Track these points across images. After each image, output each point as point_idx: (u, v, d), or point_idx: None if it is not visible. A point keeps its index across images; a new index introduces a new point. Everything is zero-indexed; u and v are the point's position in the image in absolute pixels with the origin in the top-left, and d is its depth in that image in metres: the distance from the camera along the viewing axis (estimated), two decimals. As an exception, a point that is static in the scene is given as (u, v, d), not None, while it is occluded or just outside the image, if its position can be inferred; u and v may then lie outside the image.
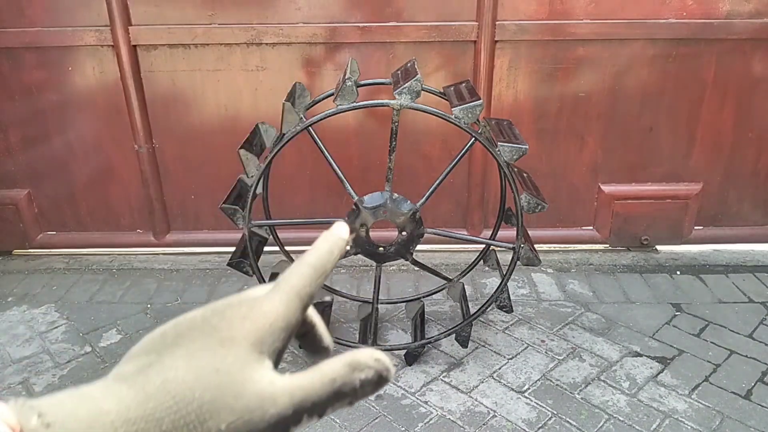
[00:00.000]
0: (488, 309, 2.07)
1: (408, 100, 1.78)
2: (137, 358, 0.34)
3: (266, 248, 2.20)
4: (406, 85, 1.76)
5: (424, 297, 2.38)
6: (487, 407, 1.91)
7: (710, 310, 2.39)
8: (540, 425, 1.83)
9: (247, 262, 1.98)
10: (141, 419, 0.30)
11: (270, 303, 0.35)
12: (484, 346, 2.20)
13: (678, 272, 2.67)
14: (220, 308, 0.35)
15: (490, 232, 2.42)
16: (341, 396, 0.33)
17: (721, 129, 2.65)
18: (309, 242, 0.41)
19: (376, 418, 1.87)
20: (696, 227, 2.83)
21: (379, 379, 0.34)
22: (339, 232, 0.40)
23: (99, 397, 0.31)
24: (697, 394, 1.95)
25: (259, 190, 2.04)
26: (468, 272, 2.38)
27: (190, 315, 0.35)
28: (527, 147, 1.80)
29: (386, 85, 2.11)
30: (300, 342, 0.41)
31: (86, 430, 0.29)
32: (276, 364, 0.34)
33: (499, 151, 1.80)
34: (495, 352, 2.17)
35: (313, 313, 0.41)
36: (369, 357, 0.34)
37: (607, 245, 2.88)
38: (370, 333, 2.07)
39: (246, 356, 0.32)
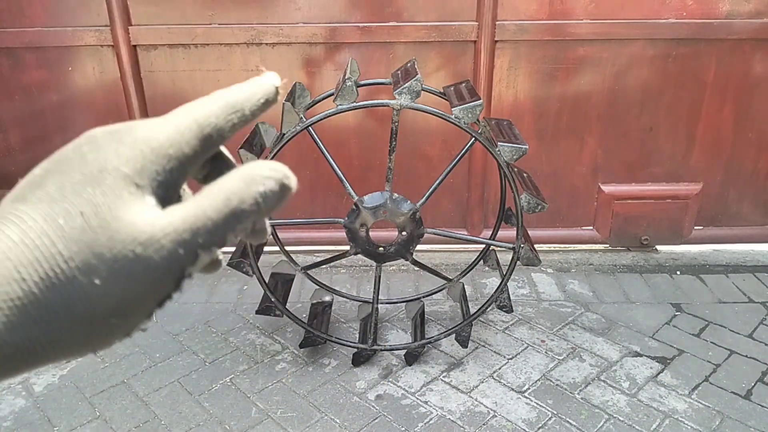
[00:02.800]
0: (488, 309, 2.07)
1: (408, 100, 1.78)
2: (1, 206, 0.28)
3: (266, 248, 2.20)
4: (406, 85, 1.76)
5: (424, 297, 2.38)
6: (487, 407, 1.91)
7: (710, 310, 2.39)
8: (540, 425, 1.83)
9: (247, 262, 1.98)
10: (5, 281, 0.25)
11: (155, 125, 0.29)
12: (484, 346, 2.20)
13: (678, 272, 2.67)
14: (96, 135, 0.29)
15: (490, 232, 2.42)
16: (240, 216, 0.27)
17: (721, 129, 2.65)
18: (309, 242, 0.41)
19: (376, 418, 1.87)
20: (696, 227, 2.83)
21: (282, 189, 0.28)
22: (270, 77, 0.32)
23: None
24: (697, 394, 1.95)
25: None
26: (468, 272, 2.38)
27: (66, 146, 0.29)
28: (527, 147, 1.80)
29: (386, 85, 2.11)
30: (196, 177, 0.33)
31: None
32: (167, 201, 0.28)
33: (499, 151, 1.80)
34: (495, 352, 2.17)
35: (225, 152, 0.34)
36: (264, 167, 0.28)
37: (607, 245, 2.88)
38: (370, 333, 2.07)
39: (118, 191, 0.27)
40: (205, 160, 0.31)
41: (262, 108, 0.32)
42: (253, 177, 0.28)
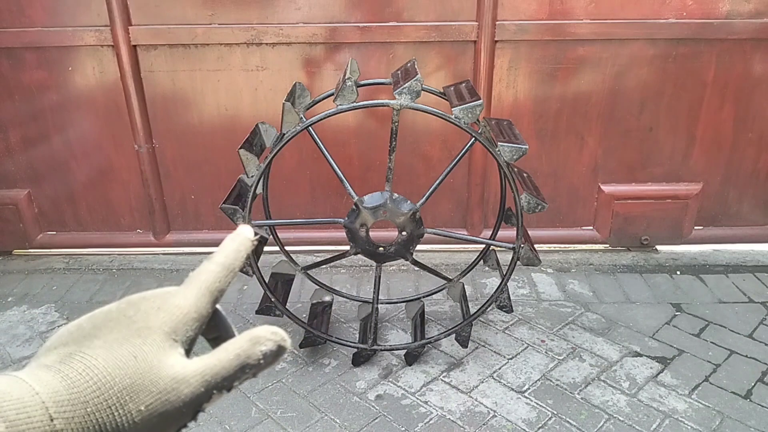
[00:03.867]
0: (488, 309, 2.07)
1: (408, 100, 1.78)
2: (57, 350, 0.35)
3: (266, 248, 2.20)
4: (406, 85, 1.76)
5: (424, 297, 2.38)
6: (487, 407, 1.91)
7: (710, 310, 2.39)
8: (540, 425, 1.83)
9: (247, 262, 1.98)
10: (68, 402, 0.32)
11: (182, 296, 0.38)
12: (484, 346, 2.20)
13: (678, 272, 2.67)
14: (135, 301, 0.38)
15: (490, 232, 2.42)
16: (246, 369, 0.36)
17: (721, 129, 2.65)
18: (309, 242, 0.42)
19: (376, 418, 1.87)
20: (696, 227, 2.83)
21: (278, 349, 0.37)
22: (245, 233, 0.44)
23: (28, 381, 0.33)
24: (697, 394, 1.95)
25: (259, 190, 2.04)
26: (468, 272, 2.38)
27: (105, 308, 0.38)
28: (527, 147, 1.80)
29: (386, 85, 2.11)
30: (207, 337, 0.44)
31: (20, 408, 0.31)
32: (188, 352, 0.38)
33: (499, 151, 1.80)
34: (495, 352, 2.17)
35: (219, 309, 0.44)
36: (267, 331, 0.37)
37: (607, 245, 2.88)
38: (370, 333, 2.07)
39: (161, 344, 0.36)
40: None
41: (245, 263, 0.44)
42: (258, 338, 0.37)
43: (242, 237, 0.44)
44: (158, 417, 0.34)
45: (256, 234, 0.44)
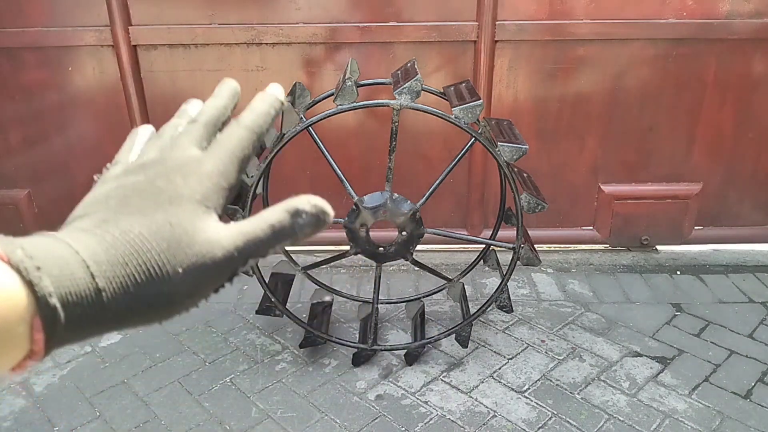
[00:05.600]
0: (488, 309, 2.07)
1: (408, 100, 1.78)
2: (90, 216, 0.36)
3: (266, 248, 2.20)
4: (406, 85, 1.76)
5: (424, 297, 2.38)
6: (487, 407, 1.91)
7: (710, 310, 2.39)
8: (540, 425, 1.83)
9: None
10: (107, 262, 0.33)
11: (211, 164, 0.39)
12: (484, 346, 2.20)
13: (678, 272, 2.67)
14: (163, 171, 0.38)
15: (490, 232, 2.42)
16: (282, 237, 0.37)
17: (721, 129, 2.65)
18: (309, 242, 0.43)
19: (376, 418, 1.87)
20: (696, 227, 2.83)
21: (318, 221, 0.37)
22: (275, 92, 0.43)
23: (68, 241, 0.33)
24: (697, 394, 1.95)
25: (259, 190, 2.04)
26: (468, 272, 2.38)
27: (132, 179, 0.38)
28: (527, 147, 1.80)
29: (386, 85, 2.11)
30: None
31: (63, 265, 0.32)
32: (221, 217, 0.38)
33: (499, 151, 1.80)
34: (495, 352, 2.17)
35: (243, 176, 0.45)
36: (306, 203, 0.37)
37: (607, 245, 2.88)
38: (370, 333, 2.07)
39: (194, 210, 0.36)
40: None
41: (272, 124, 0.43)
42: (297, 210, 0.37)
43: (272, 97, 0.43)
44: (194, 278, 0.35)
45: (287, 96, 0.45)
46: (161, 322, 0.36)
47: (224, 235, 0.36)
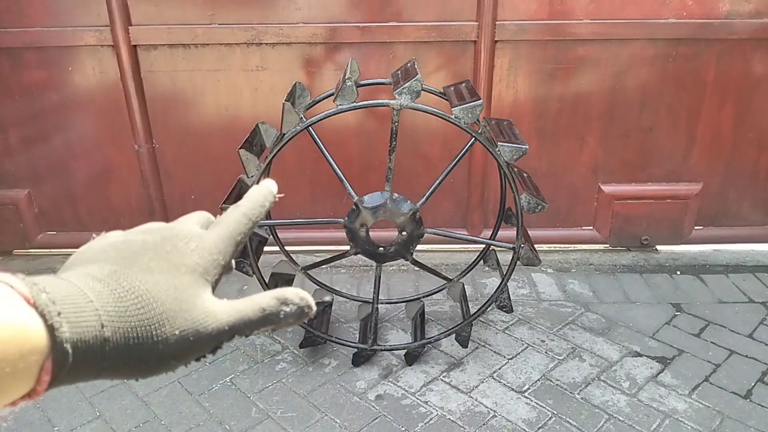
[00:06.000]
0: (488, 309, 2.07)
1: (408, 100, 1.78)
2: (98, 264, 0.38)
3: (266, 248, 2.20)
4: (406, 85, 1.76)
5: (424, 297, 2.38)
6: (487, 407, 1.91)
7: (710, 310, 2.39)
8: (540, 425, 1.83)
9: (247, 262, 1.98)
10: (116, 314, 0.35)
11: (213, 241, 0.42)
12: (484, 346, 2.20)
13: (678, 272, 2.67)
14: (169, 238, 0.41)
15: (490, 232, 2.42)
16: (268, 322, 0.40)
17: (721, 129, 2.65)
18: (309, 242, 0.43)
19: (376, 418, 1.87)
20: (696, 227, 2.83)
21: (301, 313, 0.41)
22: (269, 186, 0.47)
23: (84, 288, 0.35)
24: (697, 394, 1.95)
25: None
26: (468, 272, 2.38)
27: (140, 237, 0.41)
28: (527, 147, 1.80)
29: (386, 85, 2.11)
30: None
31: (79, 312, 0.34)
32: (212, 291, 0.41)
33: (499, 151, 1.80)
34: (495, 352, 2.17)
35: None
36: (295, 295, 0.41)
37: (607, 245, 2.88)
38: (370, 333, 2.07)
39: (196, 280, 0.39)
40: None
41: (264, 216, 0.46)
42: (286, 299, 0.40)
43: (266, 191, 0.46)
44: (187, 343, 0.37)
45: (280, 192, 0.48)
46: (140, 379, 0.38)
47: (220, 310, 0.39)
